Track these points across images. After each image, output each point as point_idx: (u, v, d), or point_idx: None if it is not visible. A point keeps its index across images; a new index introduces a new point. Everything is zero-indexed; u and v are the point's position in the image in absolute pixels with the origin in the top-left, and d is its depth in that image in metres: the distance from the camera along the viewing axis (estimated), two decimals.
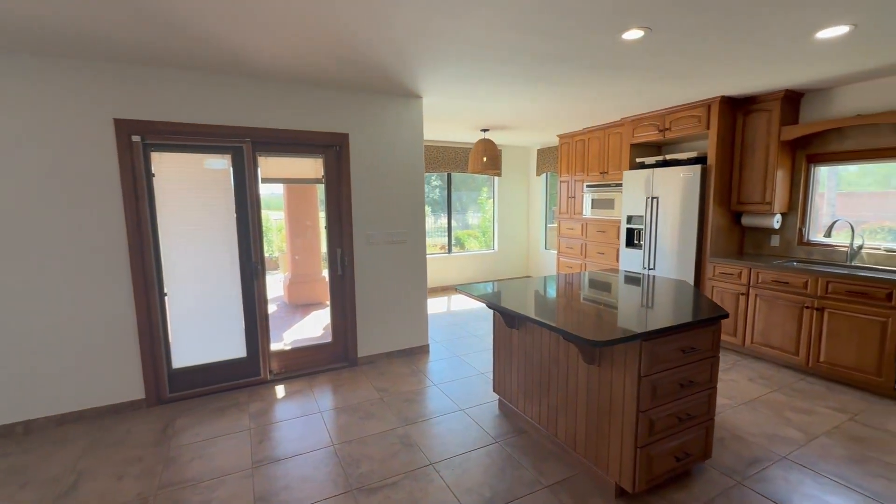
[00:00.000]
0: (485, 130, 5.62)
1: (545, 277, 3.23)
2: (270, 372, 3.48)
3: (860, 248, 3.46)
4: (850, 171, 3.69)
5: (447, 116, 4.71)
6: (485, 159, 5.51)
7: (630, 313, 2.23)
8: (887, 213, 3.49)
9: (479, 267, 7.20)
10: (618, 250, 5.10)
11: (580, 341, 1.80)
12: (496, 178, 7.22)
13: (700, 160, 4.08)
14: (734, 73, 3.13)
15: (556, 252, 6.65)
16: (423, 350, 4.04)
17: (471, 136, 6.13)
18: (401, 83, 3.36)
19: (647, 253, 4.53)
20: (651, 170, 4.40)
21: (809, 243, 3.83)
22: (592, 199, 5.43)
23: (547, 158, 6.85)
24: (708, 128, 3.93)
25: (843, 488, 2.10)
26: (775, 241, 4.04)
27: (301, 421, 2.83)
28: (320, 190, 3.74)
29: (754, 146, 3.85)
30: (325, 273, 3.79)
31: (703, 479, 2.18)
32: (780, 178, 3.76)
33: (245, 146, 3.18)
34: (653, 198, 4.41)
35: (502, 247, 7.38)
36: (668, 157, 4.34)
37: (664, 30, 2.34)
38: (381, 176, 3.71)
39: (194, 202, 3.12)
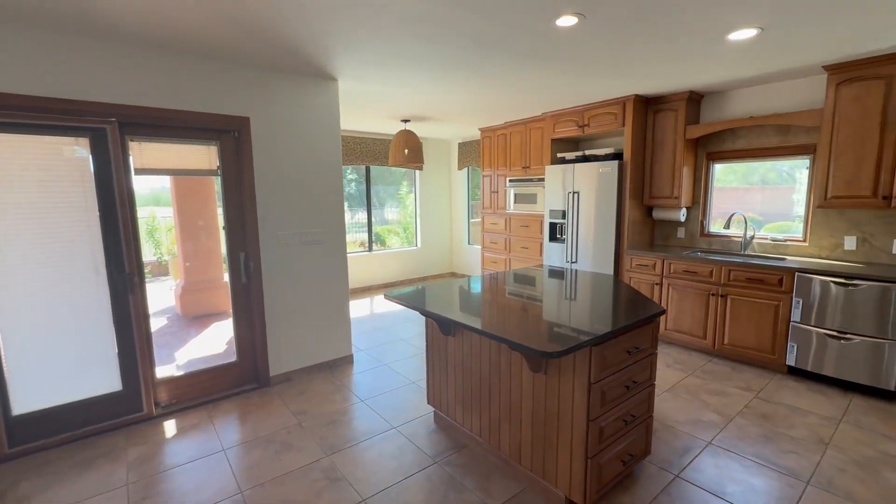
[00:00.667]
0: (405, 121, 5.32)
1: (475, 278, 3.06)
2: (157, 405, 2.86)
3: (752, 238, 3.83)
4: (717, 169, 4.10)
5: (365, 104, 4.33)
6: (406, 151, 5.21)
7: (572, 315, 2.12)
8: (748, 206, 3.98)
9: (402, 265, 6.91)
10: (541, 244, 5.16)
11: (531, 352, 1.63)
12: (417, 171, 6.96)
13: (617, 156, 4.22)
14: (652, 70, 3.21)
15: (479, 247, 6.59)
16: (346, 361, 3.67)
17: (391, 127, 5.78)
18: (312, 61, 2.94)
19: (569, 247, 4.61)
20: (572, 165, 4.47)
21: (710, 234, 4.17)
22: (515, 194, 5.42)
23: (468, 152, 6.76)
24: (623, 125, 4.06)
25: (764, 468, 2.21)
26: (681, 233, 4.34)
27: (199, 465, 2.33)
28: (218, 183, 3.16)
29: (663, 143, 4.06)
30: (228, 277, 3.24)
31: (644, 477, 2.16)
32: (686, 174, 4.02)
33: (109, 128, 2.52)
34: (574, 192, 4.49)
35: (425, 243, 7.16)
36: (588, 152, 4.44)
37: (597, 17, 2.26)
38: (293, 168, 3.24)
39: (35, 198, 2.40)
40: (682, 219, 4.17)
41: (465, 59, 2.93)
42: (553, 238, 4.81)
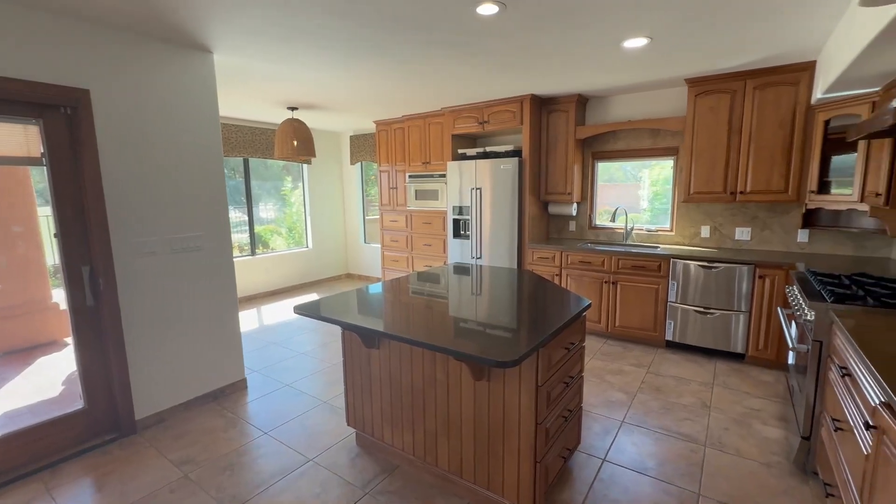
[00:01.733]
0: (293, 109, 4.76)
1: (389, 281, 2.83)
2: None
3: (632, 229, 4.29)
4: (600, 167, 4.55)
5: (245, 86, 3.73)
6: (295, 143, 4.68)
7: (508, 316, 2.05)
8: (610, 200, 4.53)
9: (292, 268, 6.26)
10: (445, 241, 5.11)
11: (485, 362, 1.49)
12: (305, 166, 6.36)
13: (516, 153, 4.35)
14: (555, 70, 3.33)
15: (378, 246, 6.32)
16: (238, 387, 3.12)
17: (275, 116, 5.14)
18: (180, 26, 2.36)
19: (474, 243, 4.63)
20: (473, 161, 4.49)
21: (596, 227, 4.57)
22: (416, 191, 5.28)
23: (362, 146, 6.39)
24: (522, 123, 4.20)
25: (669, 438, 2.45)
26: (573, 226, 4.68)
27: None
28: (38, 177, 2.38)
29: (556, 142, 4.31)
30: (61, 297, 2.46)
31: (577, 467, 2.21)
32: (576, 171, 4.33)
33: None
34: (476, 188, 4.52)
35: (318, 243, 6.60)
36: (489, 149, 4.50)
37: (518, 9, 2.21)
38: (158, 157, 2.60)
39: None
40: (574, 213, 4.49)
41: (377, 41, 2.66)
42: (457, 234, 4.79)
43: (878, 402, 1.33)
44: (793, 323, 2.56)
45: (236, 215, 5.74)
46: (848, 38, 2.22)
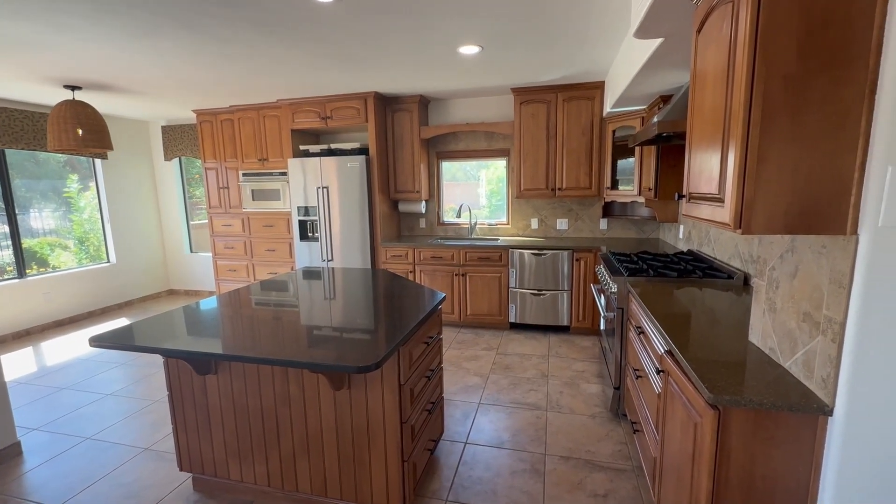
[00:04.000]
0: (74, 88, 3.75)
1: (225, 294, 2.48)
2: None
3: (475, 224, 4.63)
4: (445, 167, 4.84)
5: None
6: (80, 131, 3.71)
7: (364, 317, 1.97)
8: (455, 198, 4.86)
9: (87, 290, 4.97)
10: (291, 245, 4.72)
11: (345, 369, 1.40)
12: (99, 160, 5.11)
13: (364, 151, 4.26)
14: (397, 67, 3.34)
15: (209, 255, 5.49)
16: (9, 454, 2.32)
17: (46, 96, 3.98)
18: None
19: (324, 245, 4.39)
20: (318, 158, 4.24)
21: (444, 223, 4.80)
22: (253, 190, 4.74)
23: (179, 139, 5.44)
24: (367, 121, 4.13)
25: (520, 410, 2.72)
26: (423, 223, 4.83)
27: None
28: None
29: (403, 141, 4.37)
30: None
31: (442, 454, 2.28)
32: (423, 170, 4.47)
33: None
34: (323, 187, 4.28)
35: (124, 256, 5.38)
36: (334, 146, 4.31)
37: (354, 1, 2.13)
38: None
39: None
40: (423, 211, 4.63)
41: (189, 17, 2.25)
42: (304, 237, 4.47)
43: (663, 350, 1.68)
44: (602, 296, 3.11)
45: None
46: (625, 65, 2.78)
